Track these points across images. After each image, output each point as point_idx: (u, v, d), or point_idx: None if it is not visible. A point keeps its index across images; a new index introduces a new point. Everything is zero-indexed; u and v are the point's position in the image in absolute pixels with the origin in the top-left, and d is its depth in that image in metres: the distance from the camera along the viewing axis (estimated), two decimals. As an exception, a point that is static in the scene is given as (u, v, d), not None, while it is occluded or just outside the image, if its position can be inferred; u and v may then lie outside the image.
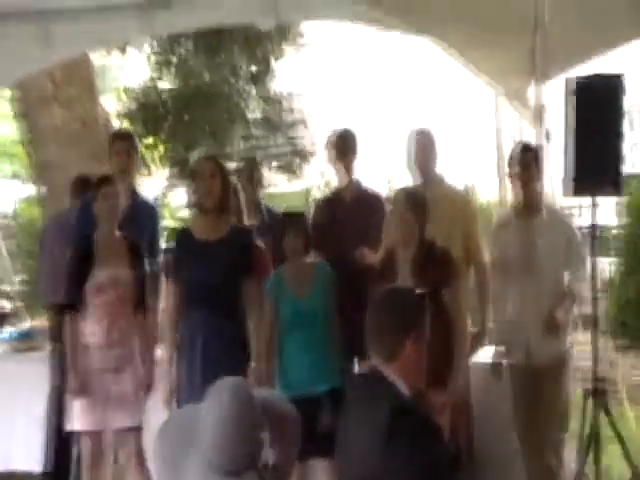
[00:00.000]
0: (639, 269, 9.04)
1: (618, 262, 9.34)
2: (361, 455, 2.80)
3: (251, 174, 5.80)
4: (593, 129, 4.50)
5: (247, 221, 5.19)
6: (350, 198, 5.35)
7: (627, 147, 4.67)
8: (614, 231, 9.80)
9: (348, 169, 5.39)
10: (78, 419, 4.80)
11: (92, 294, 4.80)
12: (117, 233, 4.95)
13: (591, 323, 4.70)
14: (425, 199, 4.59)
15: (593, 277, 4.70)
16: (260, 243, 5.08)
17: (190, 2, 6.27)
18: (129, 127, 13.71)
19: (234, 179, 5.23)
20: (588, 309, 4.85)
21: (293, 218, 4.88)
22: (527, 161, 4.75)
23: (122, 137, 5.76)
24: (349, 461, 2.90)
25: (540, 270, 4.68)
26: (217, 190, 4.68)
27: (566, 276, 4.73)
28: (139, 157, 5.67)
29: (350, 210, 5.27)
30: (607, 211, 10.09)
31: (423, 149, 5.09)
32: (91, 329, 4.82)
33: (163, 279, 5.18)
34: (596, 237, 4.78)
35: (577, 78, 4.62)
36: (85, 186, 5.69)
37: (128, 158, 5.49)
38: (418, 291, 3.06)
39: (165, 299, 4.93)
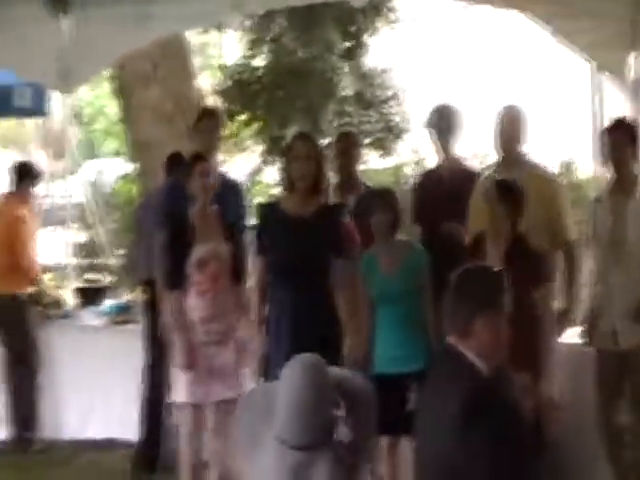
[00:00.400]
0: None
1: None
2: (438, 435, 2.80)
3: (348, 149, 5.72)
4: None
5: (340, 197, 5.19)
6: (448, 175, 5.31)
7: None
8: None
9: (445, 146, 5.34)
10: (183, 392, 4.92)
11: (194, 269, 4.89)
12: (212, 208, 5.02)
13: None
14: (521, 192, 4.47)
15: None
16: (348, 220, 5.05)
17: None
18: (223, 104, 13.89)
19: (329, 154, 5.23)
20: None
21: (381, 196, 4.86)
22: (616, 140, 4.61)
23: (209, 115, 5.73)
24: (426, 440, 2.91)
25: (630, 252, 4.54)
26: (312, 172, 4.58)
27: None
28: (221, 136, 5.64)
29: (447, 187, 5.23)
30: None
31: (507, 126, 5.01)
32: (194, 303, 4.92)
33: (251, 255, 5.14)
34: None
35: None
36: (179, 163, 5.80)
37: (212, 135, 5.48)
38: (496, 269, 3.04)
39: (253, 275, 4.92)
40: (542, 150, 5.32)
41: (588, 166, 6.67)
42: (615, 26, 4.90)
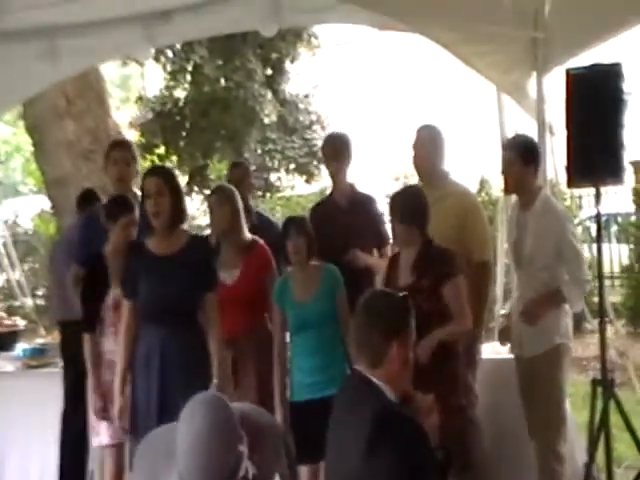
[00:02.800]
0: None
1: (635, 249, 9.27)
2: (345, 459, 2.81)
3: (241, 179, 5.72)
4: (592, 119, 4.46)
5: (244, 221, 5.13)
6: (344, 202, 5.31)
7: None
8: (633, 218, 9.70)
9: (337, 173, 5.35)
10: (104, 434, 4.81)
11: (110, 310, 4.79)
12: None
13: (597, 312, 4.68)
14: (422, 198, 4.51)
15: (599, 264, 4.66)
16: (259, 239, 5.03)
17: (191, 12, 6.28)
18: (143, 137, 13.81)
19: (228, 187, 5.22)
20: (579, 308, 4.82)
21: (295, 222, 4.87)
22: (507, 159, 4.71)
23: (119, 146, 5.57)
24: (334, 465, 2.91)
25: (529, 262, 4.65)
26: (165, 209, 4.36)
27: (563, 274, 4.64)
28: (137, 166, 5.51)
29: (344, 214, 5.23)
30: (625, 198, 9.99)
31: (423, 145, 5.05)
32: (110, 346, 4.79)
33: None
34: (600, 226, 4.74)
35: (575, 69, 4.60)
36: (91, 200, 5.72)
37: (126, 167, 5.30)
38: (401, 294, 3.06)
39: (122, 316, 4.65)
40: (459, 168, 5.35)
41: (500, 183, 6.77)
42: (515, 48, 5.00)
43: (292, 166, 14.61)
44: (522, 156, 4.67)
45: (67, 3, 5.80)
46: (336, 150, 5.34)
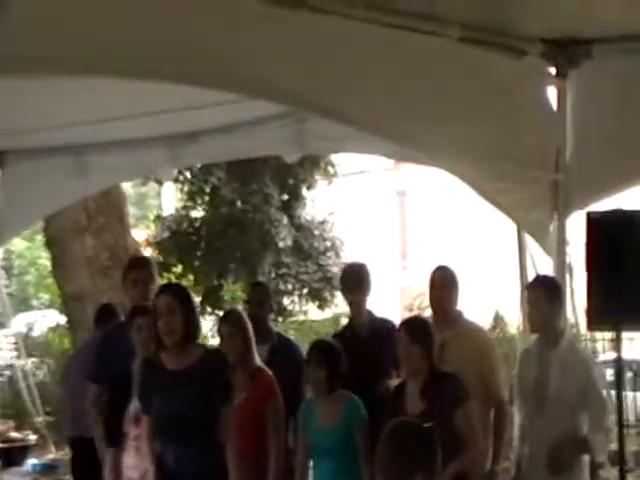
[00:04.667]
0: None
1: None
2: None
3: (261, 300, 5.73)
4: (614, 264, 4.48)
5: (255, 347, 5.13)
6: (364, 332, 5.29)
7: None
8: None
9: (358, 304, 5.34)
10: None
11: (132, 424, 4.75)
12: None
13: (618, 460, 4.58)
14: (428, 327, 4.55)
15: (619, 413, 4.58)
16: (265, 368, 5.01)
17: (216, 134, 6.44)
18: (159, 255, 13.90)
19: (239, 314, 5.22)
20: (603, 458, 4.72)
21: (319, 350, 4.81)
22: (533, 298, 4.69)
23: (138, 265, 5.54)
24: None
25: (553, 407, 4.53)
26: (177, 327, 4.33)
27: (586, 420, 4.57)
28: (155, 285, 5.51)
29: (365, 344, 5.21)
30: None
31: (438, 287, 5.09)
32: (132, 461, 4.75)
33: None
34: (622, 371, 4.69)
35: (597, 213, 4.65)
36: (109, 315, 5.72)
37: (144, 287, 5.23)
38: (426, 424, 3.01)
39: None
40: (474, 304, 5.36)
41: (517, 320, 6.75)
42: (537, 188, 5.05)
43: (305, 291, 14.63)
44: (549, 294, 4.66)
45: (96, 122, 5.95)
46: (357, 280, 5.34)
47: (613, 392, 4.70)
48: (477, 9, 4.29)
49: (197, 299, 13.97)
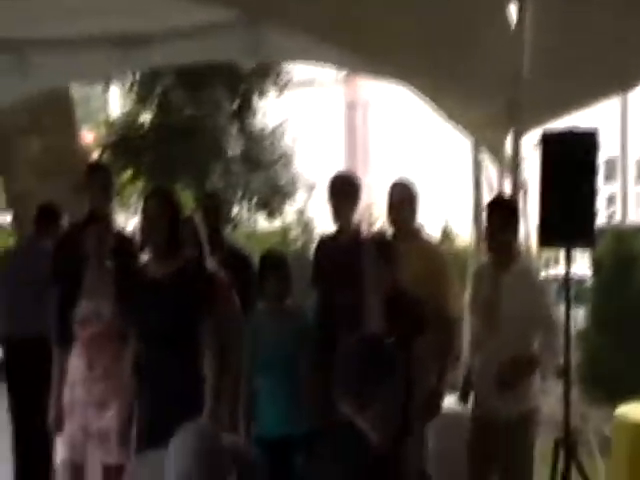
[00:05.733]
0: (611, 320, 9.03)
1: (592, 312, 9.35)
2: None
3: (215, 209, 5.68)
4: (566, 183, 4.54)
5: (208, 256, 5.10)
6: (346, 242, 5.22)
7: (604, 198, 4.68)
8: (589, 282, 9.80)
9: (340, 212, 5.27)
10: (61, 449, 4.85)
11: (77, 327, 4.78)
12: (107, 267, 4.91)
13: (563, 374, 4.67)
14: (394, 245, 4.58)
15: (566, 328, 4.65)
16: (223, 276, 4.96)
17: (170, 39, 6.26)
18: (109, 159, 13.69)
19: (197, 215, 5.18)
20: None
21: (274, 259, 4.79)
22: (497, 217, 4.70)
23: (97, 170, 5.63)
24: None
25: (504, 326, 4.59)
26: (162, 232, 4.37)
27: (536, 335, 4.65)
28: (114, 190, 5.52)
29: (343, 254, 5.17)
30: (583, 262, 10.12)
31: (397, 200, 5.08)
32: (76, 361, 4.80)
33: None
34: (570, 288, 4.76)
35: (550, 133, 4.67)
36: (51, 217, 5.68)
37: (104, 191, 5.31)
38: (388, 340, 3.05)
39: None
40: (424, 217, 5.38)
41: (466, 233, 6.82)
42: (494, 106, 5.03)
43: (254, 200, 14.57)
44: (508, 215, 4.69)
45: (41, 20, 5.73)
46: (340, 189, 5.24)
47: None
48: None
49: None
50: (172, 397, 4.26)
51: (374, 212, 11.83)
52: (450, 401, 5.22)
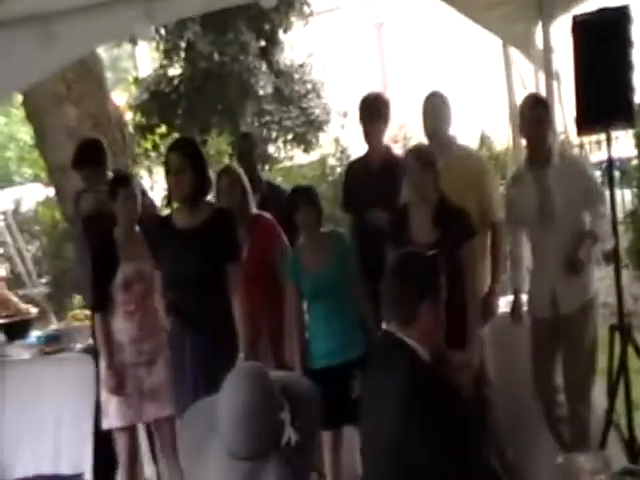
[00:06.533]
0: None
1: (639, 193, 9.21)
2: (382, 421, 2.83)
3: (249, 151, 5.77)
4: (600, 63, 4.45)
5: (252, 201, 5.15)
6: (377, 164, 5.30)
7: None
8: (635, 162, 9.60)
9: (372, 133, 5.30)
10: (115, 416, 4.88)
11: (119, 290, 4.86)
12: (137, 229, 4.98)
13: (613, 257, 4.68)
14: (434, 154, 4.59)
15: (612, 211, 4.65)
16: (268, 216, 5.05)
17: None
18: (141, 118, 13.73)
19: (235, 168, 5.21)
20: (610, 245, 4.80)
21: (303, 193, 4.85)
22: (536, 116, 4.65)
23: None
24: (372, 428, 2.93)
25: (560, 218, 4.61)
26: (188, 183, 4.47)
27: (587, 217, 4.67)
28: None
29: (375, 175, 5.23)
30: (627, 143, 9.90)
31: (432, 113, 5.07)
32: (122, 325, 4.88)
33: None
34: (612, 171, 4.72)
35: (580, 15, 4.57)
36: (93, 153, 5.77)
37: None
38: (431, 253, 3.07)
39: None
40: (461, 125, 5.35)
41: (504, 138, 6.75)
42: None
43: (290, 136, 14.55)
44: (545, 113, 4.66)
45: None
46: (371, 110, 5.27)
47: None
48: None
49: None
50: (208, 342, 4.43)
51: (407, 131, 11.75)
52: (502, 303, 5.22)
